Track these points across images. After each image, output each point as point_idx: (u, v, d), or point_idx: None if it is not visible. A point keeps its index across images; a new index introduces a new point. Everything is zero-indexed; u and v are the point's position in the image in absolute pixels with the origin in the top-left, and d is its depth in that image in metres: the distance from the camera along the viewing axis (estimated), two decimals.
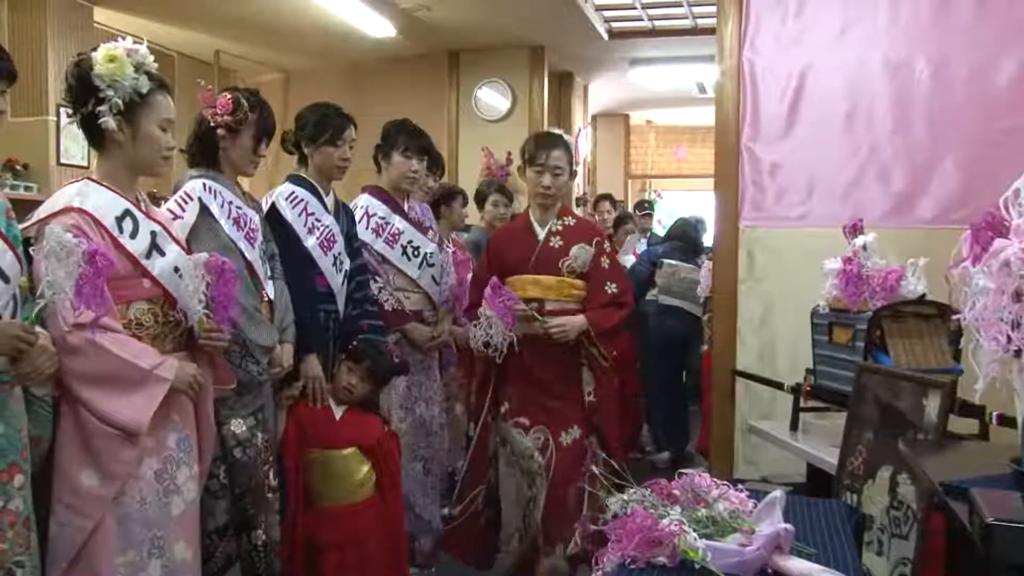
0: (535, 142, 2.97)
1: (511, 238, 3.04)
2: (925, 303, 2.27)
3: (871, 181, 2.98)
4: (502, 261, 2.96)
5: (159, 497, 2.04)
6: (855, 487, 1.79)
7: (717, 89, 3.54)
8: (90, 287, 1.74)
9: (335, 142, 2.93)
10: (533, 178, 2.93)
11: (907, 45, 2.87)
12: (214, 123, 2.53)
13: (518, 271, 2.91)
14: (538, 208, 2.98)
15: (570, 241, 2.92)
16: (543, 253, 2.91)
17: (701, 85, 8.40)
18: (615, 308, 2.90)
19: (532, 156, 2.92)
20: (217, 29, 6.33)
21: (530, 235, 2.97)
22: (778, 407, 3.14)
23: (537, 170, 2.91)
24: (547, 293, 2.89)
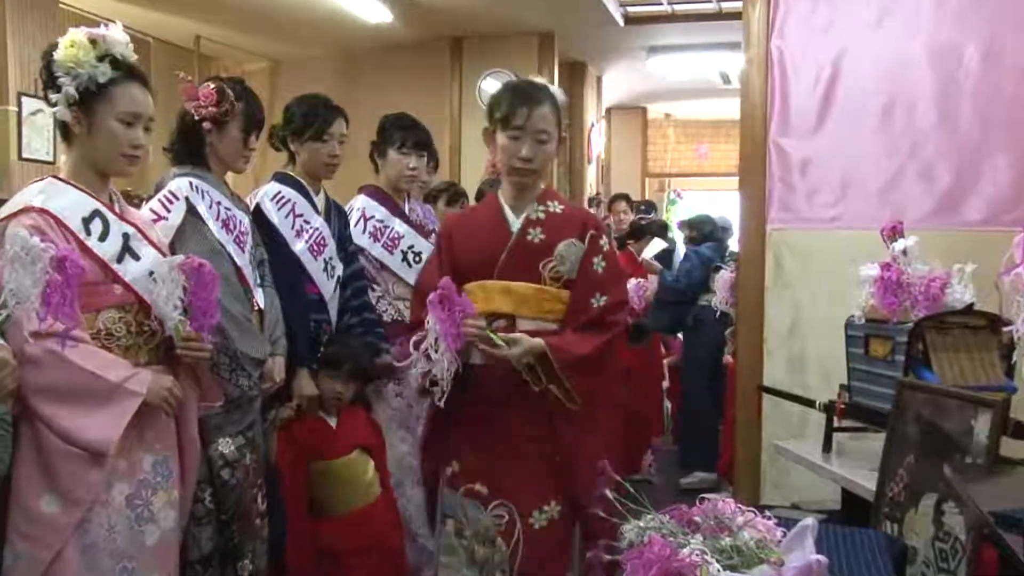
0: (511, 97, 2.32)
1: (473, 228, 2.41)
2: (973, 313, 2.25)
3: (912, 179, 2.97)
4: (459, 260, 2.35)
5: (131, 525, 2.03)
6: (896, 516, 1.78)
7: (743, 79, 3.53)
8: (59, 296, 1.73)
9: (322, 137, 2.92)
10: (507, 146, 2.29)
11: (953, 29, 2.86)
12: (198, 117, 2.53)
13: (481, 274, 2.29)
14: (511, 188, 2.36)
15: (555, 235, 2.31)
16: (517, 251, 2.29)
17: (725, 75, 8.40)
18: (596, 331, 2.28)
19: (506, 116, 2.29)
20: (197, 12, 6.34)
21: (500, 225, 2.34)
22: (809, 426, 3.12)
23: (513, 135, 2.28)
24: (520, 307, 2.27)
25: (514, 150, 2.29)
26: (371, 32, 6.70)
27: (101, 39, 2.05)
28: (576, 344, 2.23)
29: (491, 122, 2.36)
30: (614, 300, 2.33)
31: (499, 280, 2.29)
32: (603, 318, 2.29)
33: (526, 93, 2.32)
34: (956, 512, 1.45)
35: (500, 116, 2.31)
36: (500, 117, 2.31)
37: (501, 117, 2.31)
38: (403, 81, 7.01)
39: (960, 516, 1.43)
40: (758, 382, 3.41)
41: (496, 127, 2.34)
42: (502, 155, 2.32)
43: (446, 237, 2.41)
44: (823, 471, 2.56)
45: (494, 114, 2.34)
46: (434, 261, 2.43)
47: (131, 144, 2.09)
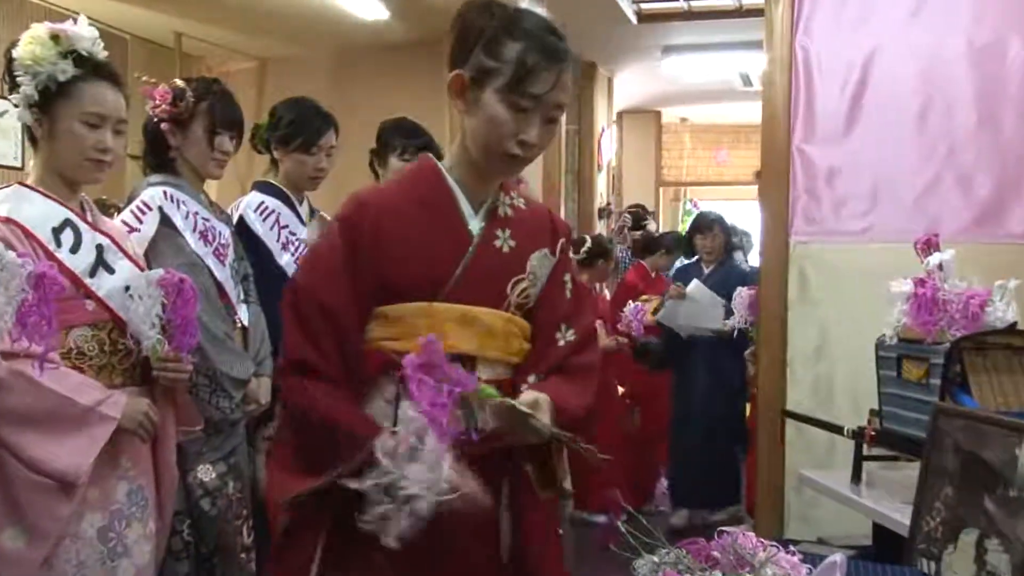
0: (534, 46, 1.63)
1: (409, 221, 1.70)
2: (1016, 333, 2.25)
3: (949, 188, 2.97)
4: (387, 268, 1.67)
5: (103, 560, 2.01)
6: (932, 553, 1.76)
7: (765, 81, 3.54)
8: (36, 316, 1.72)
9: (310, 149, 2.93)
10: (504, 118, 1.63)
11: (997, 23, 2.86)
12: (156, 118, 2.53)
13: (423, 293, 1.67)
14: (478, 172, 1.73)
15: (527, 241, 1.77)
16: (480, 262, 1.71)
17: (746, 76, 8.42)
18: (582, 374, 1.78)
19: (520, 76, 1.61)
20: (178, 7, 6.35)
21: (451, 221, 1.72)
22: (837, 455, 3.11)
23: (522, 105, 1.63)
24: (485, 345, 1.71)
25: (516, 127, 1.64)
26: (366, 30, 6.72)
27: (64, 34, 2.04)
28: (579, 394, 1.74)
29: (474, 66, 1.64)
30: (583, 334, 1.83)
31: (452, 303, 1.68)
32: (571, 361, 1.78)
33: (555, 49, 1.65)
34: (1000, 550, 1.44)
35: (509, 71, 1.61)
36: (509, 73, 1.61)
37: (512, 74, 1.61)
38: (400, 83, 7.02)
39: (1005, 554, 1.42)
40: (781, 407, 3.41)
41: (485, 79, 1.63)
42: (487, 127, 1.65)
43: (360, 227, 1.67)
44: (852, 503, 2.56)
45: (489, 58, 1.63)
46: (333, 264, 1.66)
47: (97, 148, 2.06)
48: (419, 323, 1.65)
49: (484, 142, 1.68)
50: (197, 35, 6.96)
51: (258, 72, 7.74)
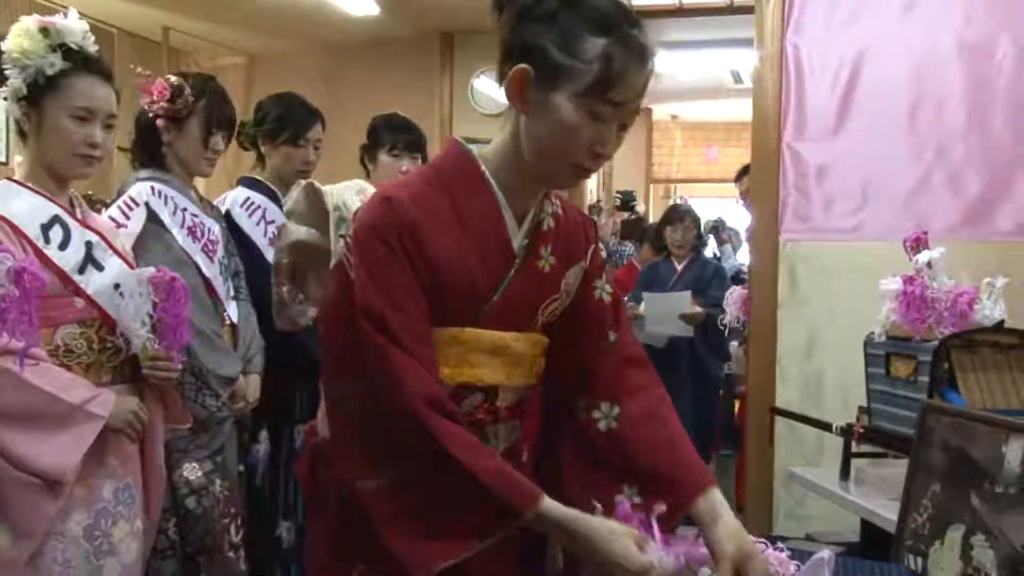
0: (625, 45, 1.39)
1: (453, 233, 1.47)
2: (1004, 331, 2.26)
3: (939, 186, 2.99)
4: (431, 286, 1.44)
5: (88, 559, 2.00)
6: (919, 549, 1.77)
7: (755, 79, 3.55)
8: (17, 312, 1.72)
9: (296, 142, 2.94)
10: (580, 125, 1.40)
11: (986, 23, 2.88)
12: (152, 114, 2.52)
13: (459, 317, 1.48)
14: (529, 179, 1.50)
15: (565, 257, 1.58)
16: (520, 283, 1.52)
17: (736, 74, 8.43)
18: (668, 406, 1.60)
19: (608, 77, 1.37)
20: (166, 1, 6.33)
21: (497, 237, 1.50)
22: (826, 452, 3.13)
23: (603, 112, 1.40)
24: (512, 374, 1.55)
25: (592, 136, 1.41)
26: (356, 26, 6.71)
27: (53, 27, 2.03)
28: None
29: (543, 61, 1.39)
30: (631, 334, 1.69)
31: (483, 329, 1.50)
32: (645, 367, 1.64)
33: (644, 48, 1.43)
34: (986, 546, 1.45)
35: (592, 75, 1.37)
36: (591, 77, 1.37)
37: (595, 78, 1.37)
38: (390, 79, 7.01)
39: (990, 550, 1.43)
40: (770, 404, 3.42)
41: (558, 79, 1.39)
42: (556, 134, 1.41)
43: (402, 232, 1.42)
44: (840, 500, 2.57)
45: (564, 55, 1.38)
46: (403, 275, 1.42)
47: (86, 143, 2.05)
48: (447, 351, 1.47)
49: (549, 149, 1.43)
50: (185, 30, 6.93)
51: (247, 68, 7.72)
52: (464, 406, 1.49)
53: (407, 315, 1.40)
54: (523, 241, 1.52)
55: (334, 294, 1.48)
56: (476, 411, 1.51)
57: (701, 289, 4.95)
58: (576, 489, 1.41)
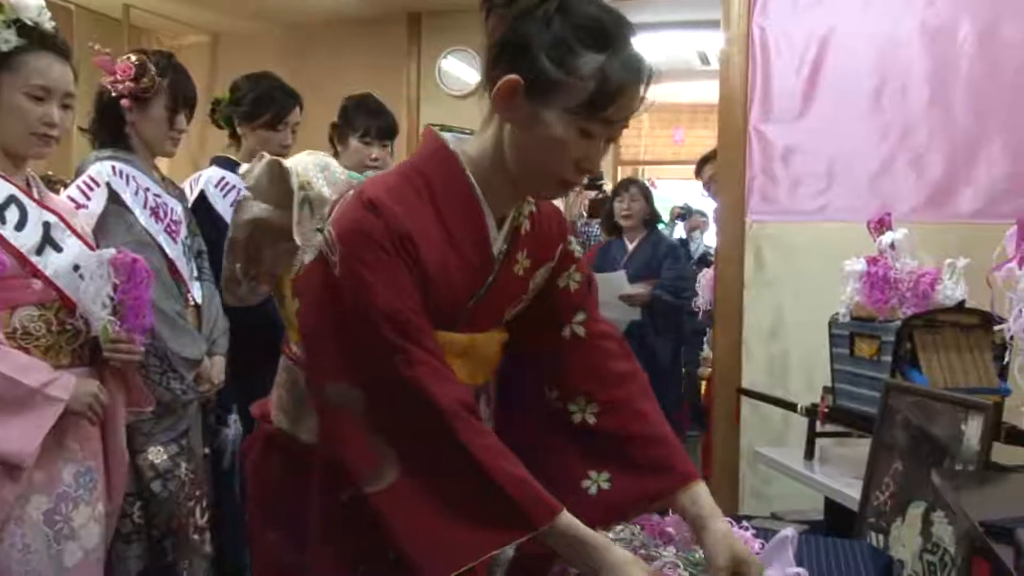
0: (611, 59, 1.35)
1: (435, 236, 1.42)
2: (965, 311, 2.28)
3: (902, 168, 3.01)
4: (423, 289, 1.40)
5: (49, 543, 1.99)
6: (882, 526, 1.80)
7: (722, 60, 3.55)
8: None
9: (276, 126, 2.94)
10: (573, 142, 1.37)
11: (948, 6, 2.89)
12: (115, 93, 2.49)
13: (442, 319, 1.44)
14: (511, 187, 1.46)
15: (537, 259, 1.57)
16: (497, 287, 1.51)
17: (704, 55, 8.44)
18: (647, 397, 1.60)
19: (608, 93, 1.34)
20: None
21: (479, 242, 1.47)
22: (791, 432, 3.15)
23: (594, 129, 1.37)
24: (477, 374, 1.55)
25: (582, 153, 1.39)
26: (321, 5, 6.64)
27: (7, 3, 1.99)
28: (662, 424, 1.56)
29: (534, 73, 1.33)
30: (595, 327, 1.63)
31: (457, 332, 1.49)
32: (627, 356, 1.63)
33: (640, 64, 1.40)
34: (945, 522, 1.47)
35: (585, 93, 1.33)
36: (585, 95, 1.33)
37: (589, 97, 1.33)
38: (357, 60, 6.95)
39: (949, 526, 1.45)
40: (737, 385, 3.44)
41: (549, 93, 1.34)
42: (543, 149, 1.38)
43: (403, 245, 1.37)
44: (805, 479, 2.59)
45: (557, 69, 1.32)
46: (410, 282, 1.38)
47: (43, 122, 2.02)
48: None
49: (536, 163, 1.40)
50: (147, 7, 6.82)
51: (211, 47, 7.62)
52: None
53: (424, 319, 1.37)
54: (502, 247, 1.50)
55: (315, 293, 1.43)
56: None
57: (654, 269, 4.66)
58: (537, 470, 1.37)
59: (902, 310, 2.32)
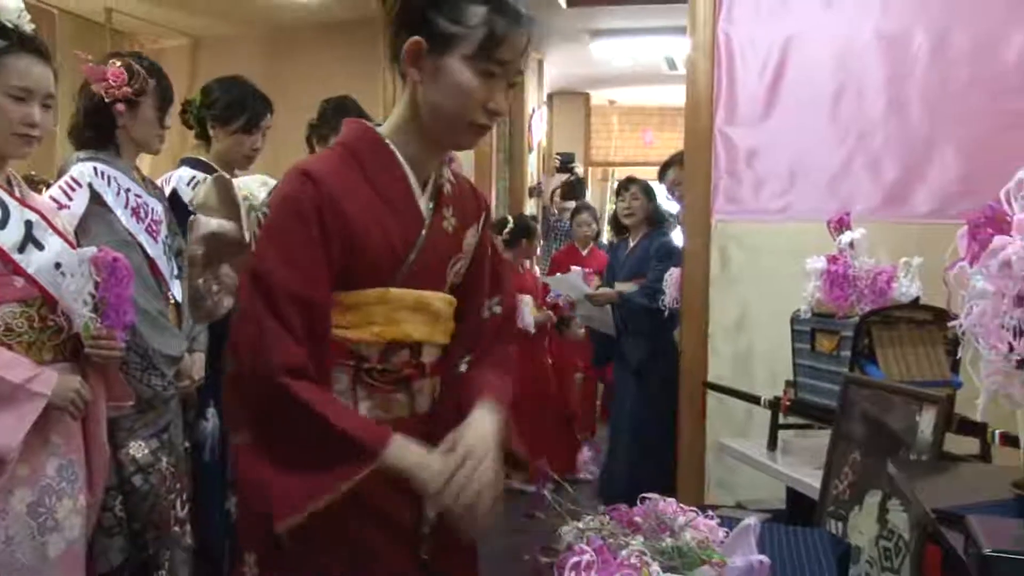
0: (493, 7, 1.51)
1: (365, 199, 1.55)
2: (919, 307, 2.30)
3: (860, 170, 3.03)
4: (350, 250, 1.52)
5: (32, 536, 1.97)
6: (840, 514, 1.81)
7: (689, 65, 3.57)
8: None
9: (251, 130, 2.91)
10: (471, 85, 1.51)
11: (902, 15, 2.91)
12: (110, 99, 2.47)
13: (380, 278, 1.56)
14: (429, 146, 1.61)
15: (463, 218, 1.69)
16: (431, 244, 1.61)
17: (671, 61, 8.46)
18: (507, 361, 1.74)
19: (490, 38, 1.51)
20: None
21: (406, 202, 1.59)
22: (754, 424, 3.16)
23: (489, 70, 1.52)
24: (434, 331, 1.65)
25: (486, 94, 1.53)
26: (300, 10, 6.61)
27: None
28: (505, 388, 1.67)
29: (432, 30, 1.50)
30: (509, 305, 1.81)
31: (405, 288, 1.59)
32: (497, 349, 1.74)
33: (520, 11, 1.56)
34: (900, 510, 1.49)
35: (478, 37, 1.49)
36: (478, 39, 1.49)
37: (482, 40, 1.49)
38: (335, 63, 6.92)
39: (904, 514, 1.46)
40: (703, 378, 3.46)
41: (447, 45, 1.50)
42: (453, 96, 1.52)
43: (320, 206, 1.49)
44: (768, 469, 2.60)
45: (450, 22, 1.49)
46: (311, 253, 1.49)
47: (24, 122, 2.00)
48: (375, 311, 1.58)
49: (449, 111, 1.54)
50: (128, 11, 6.76)
51: (190, 50, 7.56)
52: (393, 362, 1.59)
53: (297, 274, 1.47)
54: (428, 204, 1.62)
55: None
56: (404, 367, 1.61)
57: (646, 269, 4.47)
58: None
59: (860, 307, 2.33)
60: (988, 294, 1.07)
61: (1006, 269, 1.04)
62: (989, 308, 1.07)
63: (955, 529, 1.05)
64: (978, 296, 1.08)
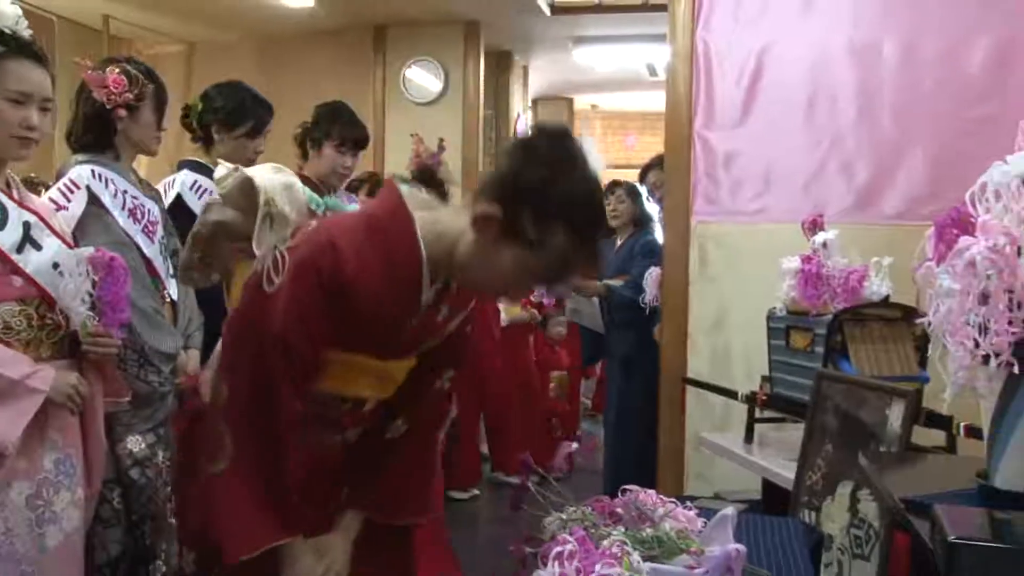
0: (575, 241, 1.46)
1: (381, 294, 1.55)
2: (889, 305, 2.32)
3: (833, 173, 3.05)
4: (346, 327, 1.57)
5: (31, 527, 1.96)
6: (814, 504, 1.82)
7: (668, 72, 3.58)
8: None
9: (255, 135, 2.92)
10: (516, 282, 1.58)
11: (874, 25, 2.94)
12: (111, 105, 2.46)
13: (365, 346, 1.63)
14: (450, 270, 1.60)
15: (456, 307, 1.70)
16: (418, 328, 1.65)
17: (652, 67, 8.48)
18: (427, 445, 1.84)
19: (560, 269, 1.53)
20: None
21: (413, 300, 1.59)
22: (732, 418, 3.18)
23: (544, 283, 1.68)
24: (384, 391, 1.72)
25: (522, 287, 1.71)
26: (292, 17, 6.59)
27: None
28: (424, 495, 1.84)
29: (514, 219, 1.45)
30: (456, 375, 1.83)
31: (375, 358, 1.66)
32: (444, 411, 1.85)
33: (595, 252, 1.61)
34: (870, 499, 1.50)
35: (547, 258, 1.47)
36: (546, 260, 1.47)
37: (549, 264, 1.48)
38: (326, 69, 6.91)
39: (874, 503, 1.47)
40: (682, 374, 3.47)
41: (517, 239, 1.46)
42: (493, 276, 1.54)
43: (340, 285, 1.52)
44: (745, 461, 2.62)
45: (534, 229, 1.45)
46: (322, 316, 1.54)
47: (22, 125, 1.98)
48: (335, 369, 1.63)
49: (481, 284, 1.61)
50: (125, 18, 6.73)
51: (186, 56, 7.53)
52: (330, 410, 1.67)
53: (312, 343, 1.56)
54: (431, 297, 1.61)
55: (245, 302, 1.63)
56: (342, 417, 1.71)
57: (630, 266, 4.44)
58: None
59: (833, 305, 2.35)
60: (954, 293, 1.08)
61: (971, 268, 1.05)
62: (955, 306, 1.08)
63: (922, 517, 1.06)
64: (945, 295, 1.09)
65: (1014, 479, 1.09)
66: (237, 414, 1.59)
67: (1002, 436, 1.10)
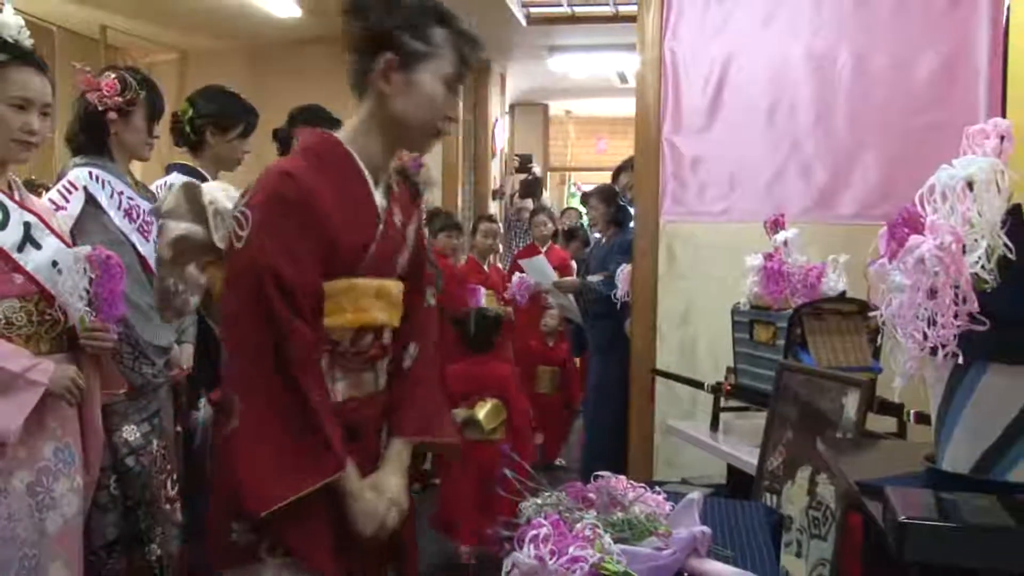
0: (470, 39, 1.68)
1: (339, 200, 1.61)
2: (845, 300, 2.33)
3: (793, 176, 3.06)
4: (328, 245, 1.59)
5: (31, 513, 1.95)
6: (775, 488, 1.83)
7: (638, 79, 3.58)
8: None
9: (246, 136, 2.92)
10: (439, 94, 1.65)
11: (829, 37, 2.96)
12: (102, 107, 2.45)
13: (345, 268, 1.63)
14: (389, 149, 1.71)
15: (407, 213, 1.78)
16: (386, 236, 1.69)
17: (622, 75, 8.50)
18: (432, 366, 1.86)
19: (462, 59, 1.67)
20: (103, 0, 6.10)
21: (367, 201, 1.66)
22: (699, 407, 3.19)
23: (459, 83, 1.68)
24: (392, 316, 1.73)
25: (450, 103, 1.68)
26: (280, 26, 6.56)
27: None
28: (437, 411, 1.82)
29: (401, 48, 1.60)
30: (437, 296, 1.91)
31: (368, 278, 1.66)
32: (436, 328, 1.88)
33: (474, 37, 1.69)
34: (827, 483, 1.51)
35: (448, 55, 1.63)
36: (449, 57, 1.63)
37: (452, 58, 1.63)
38: (314, 76, 6.82)
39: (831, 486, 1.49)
40: (651, 366, 3.48)
41: (417, 61, 1.61)
42: (424, 106, 1.62)
43: (303, 201, 1.55)
44: (710, 448, 2.63)
45: (419, 42, 1.60)
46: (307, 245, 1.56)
47: (23, 129, 1.97)
48: (344, 299, 1.63)
49: (420, 119, 1.65)
50: (121, 28, 6.68)
51: (179, 64, 7.47)
52: (362, 345, 1.67)
53: (297, 263, 1.53)
54: (383, 201, 1.68)
55: (229, 270, 1.61)
56: (370, 349, 1.69)
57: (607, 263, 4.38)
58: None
59: (794, 300, 2.36)
60: (905, 288, 1.09)
61: (920, 265, 1.06)
62: (906, 300, 1.09)
63: (875, 499, 1.07)
64: (896, 290, 1.10)
65: (959, 462, 1.11)
66: (238, 370, 1.56)
67: (948, 422, 1.12)
